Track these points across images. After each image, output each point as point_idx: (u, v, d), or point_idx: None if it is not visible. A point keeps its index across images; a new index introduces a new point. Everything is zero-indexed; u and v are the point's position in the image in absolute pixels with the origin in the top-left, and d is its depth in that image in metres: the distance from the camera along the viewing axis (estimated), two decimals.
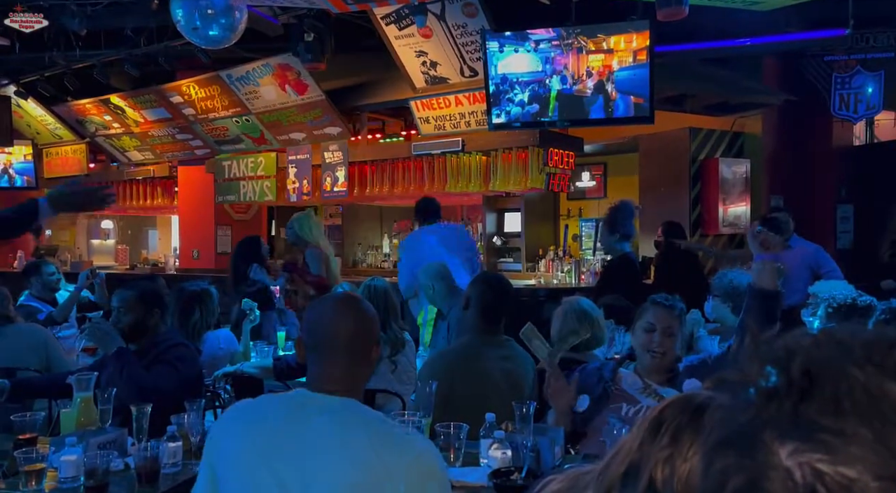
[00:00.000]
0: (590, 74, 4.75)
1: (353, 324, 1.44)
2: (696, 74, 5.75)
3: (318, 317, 1.46)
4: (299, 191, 7.01)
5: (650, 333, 2.16)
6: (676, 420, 1.19)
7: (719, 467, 0.58)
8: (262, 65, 6.05)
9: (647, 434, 1.16)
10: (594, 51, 4.71)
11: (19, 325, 3.46)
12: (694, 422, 1.20)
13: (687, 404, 1.26)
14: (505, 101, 4.99)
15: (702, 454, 0.62)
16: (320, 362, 1.42)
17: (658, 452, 1.12)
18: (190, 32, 3.76)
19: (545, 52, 4.82)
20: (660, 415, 1.21)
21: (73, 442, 2.08)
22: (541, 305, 5.60)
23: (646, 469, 1.12)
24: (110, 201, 2.45)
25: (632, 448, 1.14)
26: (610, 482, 1.11)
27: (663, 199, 6.60)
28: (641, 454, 1.12)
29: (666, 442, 1.15)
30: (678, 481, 1.13)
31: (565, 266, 6.62)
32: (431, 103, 5.84)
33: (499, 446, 1.88)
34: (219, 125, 7.01)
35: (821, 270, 4.38)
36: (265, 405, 1.40)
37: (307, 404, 1.35)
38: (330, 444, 1.27)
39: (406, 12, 5.15)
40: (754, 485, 0.55)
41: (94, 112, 7.65)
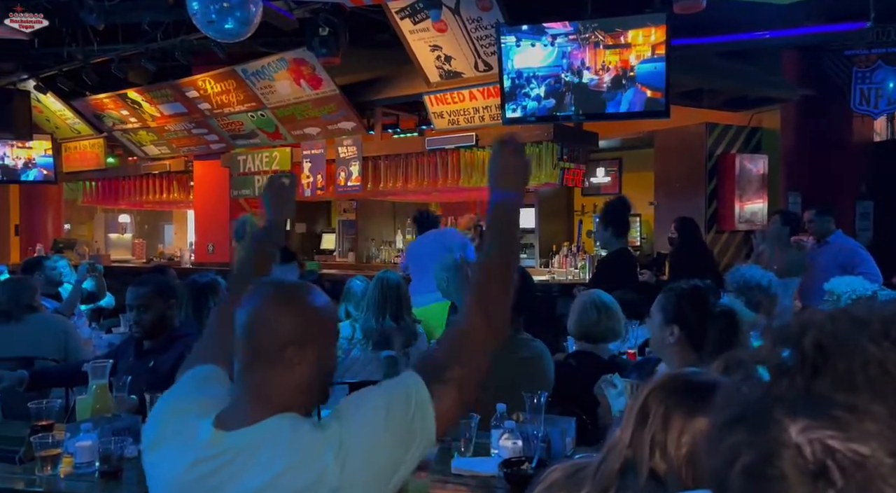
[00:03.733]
0: (606, 69, 4.71)
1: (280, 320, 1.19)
2: (713, 68, 5.68)
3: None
4: (313, 185, 7.03)
5: None
6: (662, 406, 1.19)
7: (729, 444, 0.57)
8: (277, 59, 6.08)
9: (637, 425, 1.16)
10: (611, 45, 4.67)
11: (42, 314, 3.50)
12: (681, 404, 1.19)
13: (667, 387, 1.24)
14: (520, 95, 4.97)
15: (711, 432, 0.61)
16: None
17: (651, 442, 1.11)
18: (205, 26, 3.79)
19: (562, 47, 4.79)
20: (644, 404, 1.21)
21: (88, 428, 2.11)
22: (554, 300, 5.59)
23: (643, 464, 1.11)
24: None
25: (624, 444, 1.14)
26: (607, 481, 1.10)
27: (679, 195, 6.54)
28: (635, 449, 1.12)
29: (657, 429, 1.14)
30: (678, 466, 1.11)
31: (579, 262, 6.59)
32: (445, 98, 5.83)
33: (509, 436, 1.88)
34: (234, 120, 7.05)
35: (855, 269, 4.23)
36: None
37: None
38: None
39: (421, 6, 5.14)
40: (764, 462, 0.53)
41: (111, 107, 7.73)
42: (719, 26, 4.91)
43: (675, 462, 1.00)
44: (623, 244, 4.42)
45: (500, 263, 1.32)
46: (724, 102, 6.34)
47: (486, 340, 1.24)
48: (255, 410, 1.15)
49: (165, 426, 1.23)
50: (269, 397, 1.16)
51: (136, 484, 1.98)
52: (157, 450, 1.23)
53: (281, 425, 1.13)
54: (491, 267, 1.31)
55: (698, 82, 5.85)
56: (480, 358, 1.22)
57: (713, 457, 0.57)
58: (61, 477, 2.03)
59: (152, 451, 1.24)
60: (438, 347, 1.27)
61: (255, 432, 1.13)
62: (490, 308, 1.25)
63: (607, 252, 4.52)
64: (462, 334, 1.25)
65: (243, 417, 1.15)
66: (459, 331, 1.26)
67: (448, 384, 1.16)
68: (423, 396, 1.14)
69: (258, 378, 1.17)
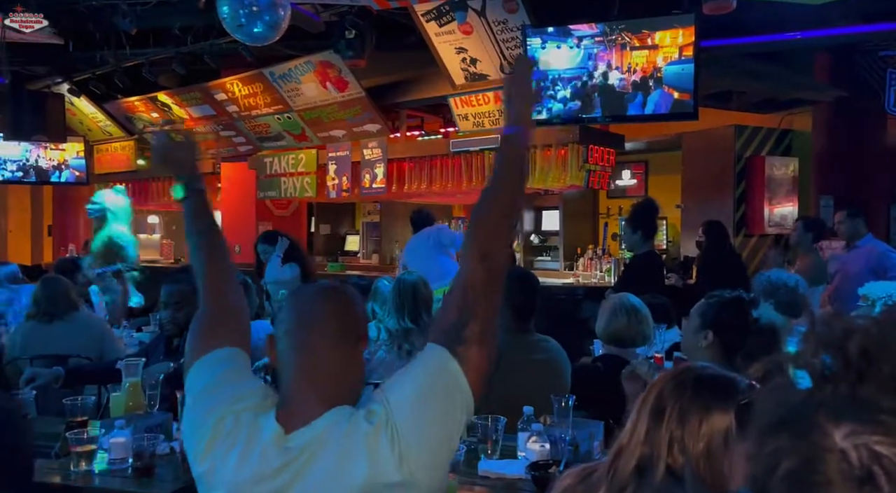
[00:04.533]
0: (633, 70, 4.68)
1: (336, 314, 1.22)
2: (743, 70, 5.60)
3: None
4: (339, 187, 7.09)
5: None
6: (678, 402, 1.18)
7: (771, 449, 0.57)
8: (303, 62, 6.14)
9: (652, 423, 1.15)
10: (638, 47, 4.64)
11: (80, 314, 3.58)
12: (696, 399, 1.18)
13: (681, 382, 1.24)
14: (546, 97, 4.95)
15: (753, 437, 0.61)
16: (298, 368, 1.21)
17: (669, 438, 1.11)
18: (235, 29, 3.84)
19: (588, 48, 4.77)
20: (658, 401, 1.20)
21: (121, 425, 2.15)
22: (579, 303, 5.55)
23: (660, 459, 1.11)
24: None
25: (639, 441, 1.13)
26: (623, 481, 1.10)
27: (706, 198, 6.47)
28: (651, 446, 1.12)
29: (674, 425, 1.14)
30: (696, 460, 1.11)
31: (604, 265, 6.54)
32: (470, 100, 5.84)
33: (537, 439, 1.87)
34: (261, 122, 7.13)
35: (887, 273, 4.14)
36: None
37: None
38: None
39: (447, 9, 5.16)
40: (808, 467, 0.53)
41: (142, 109, 7.88)
42: (749, 27, 4.84)
43: (692, 457, 1.01)
44: (650, 247, 4.39)
45: (503, 198, 1.29)
46: (753, 104, 6.25)
47: (491, 281, 1.22)
48: (315, 406, 1.16)
49: (219, 426, 1.19)
50: (331, 392, 1.18)
51: (169, 481, 2.02)
52: (216, 451, 1.18)
53: (339, 417, 1.15)
54: (493, 201, 1.29)
55: (727, 84, 5.78)
56: (490, 304, 1.21)
57: (754, 462, 0.56)
58: (96, 473, 2.07)
59: (209, 453, 1.19)
60: (446, 309, 1.22)
61: (317, 428, 1.14)
62: (489, 245, 1.23)
63: (634, 255, 4.49)
64: (466, 286, 1.21)
65: (305, 414, 1.16)
66: (463, 285, 1.22)
67: (469, 343, 1.16)
68: (452, 364, 1.16)
69: (324, 373, 1.19)
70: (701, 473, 1.01)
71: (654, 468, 1.02)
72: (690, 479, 1.01)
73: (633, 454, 1.04)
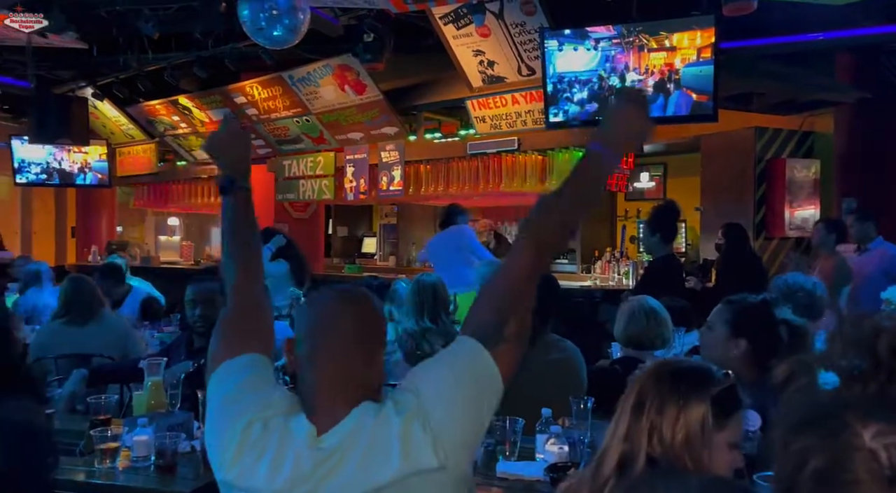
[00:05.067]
0: (651, 72, 4.66)
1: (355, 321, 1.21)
2: (763, 71, 5.55)
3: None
4: (356, 190, 7.13)
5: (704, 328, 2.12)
6: (657, 395, 1.22)
7: (798, 448, 0.57)
8: (322, 65, 6.19)
9: (633, 417, 1.20)
10: (656, 49, 4.62)
11: (107, 314, 3.64)
12: (674, 390, 1.22)
13: (659, 377, 1.28)
14: (563, 99, 4.95)
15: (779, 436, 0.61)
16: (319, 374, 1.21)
17: (649, 429, 1.15)
18: (255, 33, 3.89)
19: (605, 50, 4.76)
20: (638, 397, 1.25)
21: (144, 423, 2.19)
22: (597, 305, 5.53)
23: (640, 450, 1.15)
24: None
25: (620, 438, 1.17)
26: (604, 477, 1.13)
27: (726, 200, 6.41)
28: (631, 441, 1.16)
29: (654, 416, 1.18)
30: (676, 450, 1.15)
31: (622, 268, 6.51)
32: (488, 102, 5.85)
33: (555, 441, 1.87)
34: (280, 125, 7.20)
35: None
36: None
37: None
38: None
39: (464, 11, 5.17)
40: (837, 466, 0.53)
41: (163, 113, 7.98)
42: (770, 28, 4.79)
43: (671, 446, 1.06)
44: (669, 250, 4.35)
45: (570, 206, 1.29)
46: (773, 106, 6.18)
47: (533, 281, 1.23)
48: (342, 406, 1.17)
49: (247, 431, 1.17)
50: (356, 392, 1.18)
51: (190, 479, 2.04)
52: (244, 459, 1.16)
53: (366, 413, 1.16)
54: (559, 207, 1.28)
55: (747, 86, 5.72)
56: (528, 304, 1.22)
57: (780, 460, 0.56)
58: (119, 470, 2.10)
59: (238, 460, 1.17)
60: (484, 305, 1.23)
61: (347, 426, 1.15)
62: (545, 247, 1.25)
63: (653, 258, 4.46)
64: (507, 283, 1.22)
65: (334, 415, 1.16)
66: (504, 281, 1.23)
67: (505, 342, 1.18)
68: (484, 354, 1.17)
69: (348, 375, 1.19)
70: (682, 462, 1.05)
71: (634, 462, 1.06)
72: (667, 466, 1.05)
73: (616, 451, 1.08)
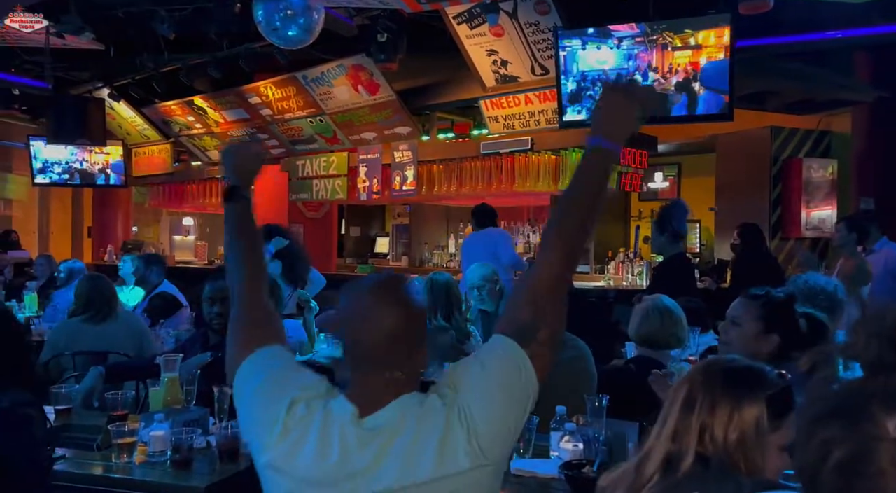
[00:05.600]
0: (675, 71, 4.63)
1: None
2: (779, 70, 5.50)
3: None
4: (369, 190, 7.14)
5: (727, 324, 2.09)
6: (709, 394, 1.20)
7: (821, 439, 0.56)
8: (336, 66, 6.21)
9: (681, 415, 1.17)
10: (681, 47, 4.58)
11: (124, 312, 3.68)
12: (728, 390, 1.21)
13: (711, 376, 1.26)
14: (586, 97, 4.92)
15: (802, 427, 0.60)
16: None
17: (700, 427, 1.13)
18: (270, 33, 3.91)
19: (628, 49, 4.73)
20: (689, 396, 1.23)
21: (160, 419, 2.20)
22: (611, 306, 5.50)
23: (689, 448, 1.12)
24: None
25: (667, 437, 1.15)
26: (647, 476, 1.11)
27: (741, 201, 6.36)
28: (679, 440, 1.14)
29: (705, 415, 1.16)
30: (730, 450, 1.13)
31: (636, 268, 6.47)
32: (501, 102, 5.84)
33: (570, 438, 1.86)
34: (294, 125, 7.23)
35: None
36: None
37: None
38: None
39: (478, 11, 5.17)
40: (860, 457, 0.52)
41: (178, 113, 8.05)
42: (786, 26, 4.75)
43: (723, 447, 1.05)
44: (679, 249, 4.33)
45: (584, 204, 1.30)
46: (790, 105, 6.13)
47: (565, 282, 1.26)
48: (384, 393, 1.18)
49: (293, 410, 1.19)
50: (397, 382, 1.19)
51: (206, 474, 2.06)
52: (290, 437, 1.18)
53: (411, 402, 1.18)
54: (574, 207, 1.30)
55: (764, 85, 5.68)
56: (561, 305, 1.24)
57: (802, 452, 0.56)
58: (136, 465, 2.12)
59: (284, 438, 1.18)
60: (519, 305, 1.25)
61: (392, 410, 1.16)
62: (572, 248, 1.27)
63: (664, 258, 4.43)
64: (537, 286, 1.24)
65: (376, 400, 1.17)
66: (535, 284, 1.25)
67: (539, 344, 1.20)
68: (520, 353, 1.19)
69: (391, 367, 1.19)
70: (735, 463, 1.04)
71: (682, 461, 1.05)
72: (719, 466, 1.04)
73: (662, 449, 1.07)
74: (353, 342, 1.21)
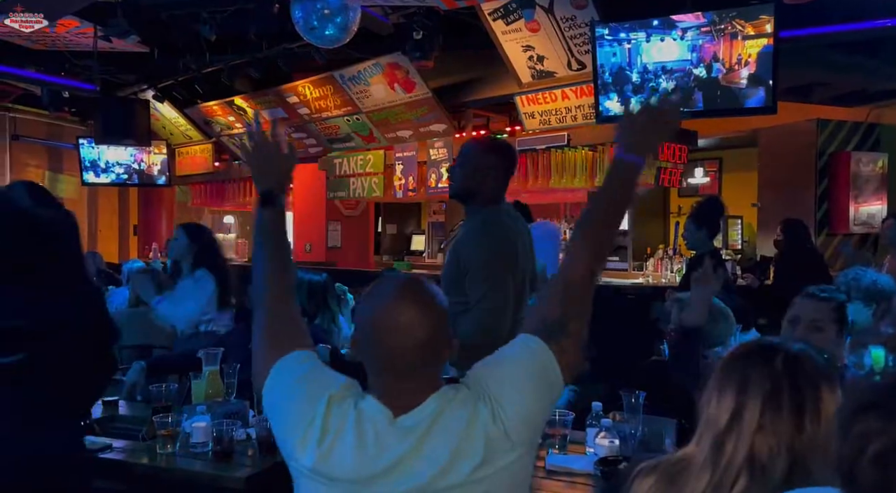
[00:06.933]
0: (745, 62, 4.50)
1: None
2: (825, 61, 5.33)
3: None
4: (405, 187, 7.18)
5: (792, 325, 2.02)
6: (800, 394, 1.13)
7: (858, 431, 0.55)
8: (372, 64, 6.26)
9: (771, 412, 1.11)
10: (753, 36, 4.43)
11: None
12: (815, 380, 1.14)
13: (795, 364, 1.18)
14: (647, 90, 4.83)
15: (840, 419, 0.59)
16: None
17: (794, 425, 1.07)
18: (307, 32, 3.96)
19: (693, 40, 4.62)
20: (773, 387, 1.14)
21: (202, 410, 2.26)
22: (647, 304, 5.42)
23: (781, 448, 1.06)
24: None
25: (750, 431, 1.09)
26: (732, 474, 1.05)
27: (785, 196, 6.19)
28: (766, 434, 1.07)
29: (793, 406, 1.10)
30: (821, 439, 1.07)
31: (675, 265, 6.36)
32: (537, 98, 5.80)
33: (606, 434, 1.85)
34: (331, 124, 7.32)
35: None
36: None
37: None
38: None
39: (514, 6, 5.15)
40: None
41: (219, 113, 8.22)
42: (833, 15, 4.60)
43: (813, 440, 0.96)
44: (712, 246, 4.33)
45: (609, 211, 1.37)
46: (836, 97, 5.93)
47: (593, 283, 1.30)
48: (416, 394, 1.18)
49: (329, 410, 1.18)
50: (428, 381, 1.20)
51: (246, 466, 2.11)
52: (328, 436, 1.17)
53: (445, 398, 1.19)
54: (603, 213, 1.37)
55: (809, 77, 5.51)
56: (588, 305, 1.28)
57: (841, 443, 0.55)
58: (179, 455, 2.18)
59: (324, 437, 1.17)
60: (548, 304, 1.29)
61: (427, 409, 1.17)
62: (599, 249, 1.34)
63: (695, 254, 4.40)
64: (571, 284, 1.29)
65: (408, 402, 1.18)
66: (565, 283, 1.29)
67: (567, 339, 1.23)
68: (546, 351, 1.22)
69: (433, 363, 1.21)
70: (825, 457, 0.96)
71: (771, 461, 0.96)
72: (818, 467, 0.96)
73: (748, 444, 0.98)
74: (388, 350, 1.18)
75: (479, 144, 2.82)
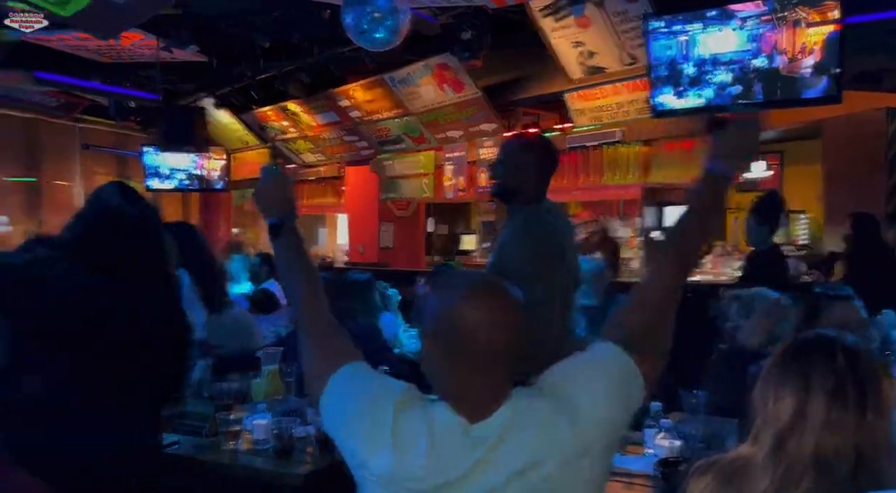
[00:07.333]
0: (808, 51, 4.33)
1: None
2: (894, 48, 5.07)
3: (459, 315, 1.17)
4: (455, 188, 7.20)
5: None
6: (863, 389, 1.08)
7: None
8: (421, 66, 6.29)
9: (837, 410, 1.07)
10: (818, 23, 4.26)
11: (236, 308, 3.90)
12: (866, 373, 1.09)
13: (855, 360, 1.13)
14: (704, 82, 4.70)
15: None
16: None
17: (857, 423, 1.03)
18: (358, 36, 4.01)
19: (753, 29, 4.47)
20: (838, 386, 1.10)
21: (263, 409, 2.33)
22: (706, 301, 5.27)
23: (846, 447, 1.02)
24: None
25: (814, 427, 1.05)
26: (797, 472, 1.02)
27: (852, 189, 5.92)
28: (831, 431, 1.03)
29: (858, 402, 1.05)
30: (881, 443, 1.02)
31: (735, 262, 6.17)
32: (588, 94, 5.72)
33: (666, 435, 1.81)
34: (382, 126, 7.40)
35: None
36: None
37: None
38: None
39: (564, 2, 5.09)
40: None
41: (273, 119, 8.43)
42: None
43: (878, 438, 0.93)
44: (772, 242, 4.24)
45: (700, 225, 1.38)
46: None
47: (678, 292, 1.30)
48: (491, 401, 1.17)
49: (397, 417, 1.17)
50: (503, 386, 1.19)
51: (307, 463, 2.15)
52: (401, 444, 1.15)
53: (519, 402, 1.17)
54: (694, 224, 1.37)
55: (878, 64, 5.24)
56: (672, 314, 1.28)
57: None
58: (241, 451, 2.25)
59: (397, 445, 1.15)
60: (628, 314, 1.28)
61: (503, 416, 1.16)
62: (687, 259, 1.35)
63: (755, 251, 4.28)
64: (654, 295, 1.29)
65: (483, 408, 1.16)
66: (651, 293, 1.30)
67: (649, 349, 1.22)
68: (630, 364, 1.20)
69: (506, 367, 1.19)
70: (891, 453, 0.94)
71: (837, 458, 0.93)
72: (889, 468, 0.93)
73: (812, 441, 0.95)
74: (473, 345, 1.15)
75: (519, 141, 2.79)
